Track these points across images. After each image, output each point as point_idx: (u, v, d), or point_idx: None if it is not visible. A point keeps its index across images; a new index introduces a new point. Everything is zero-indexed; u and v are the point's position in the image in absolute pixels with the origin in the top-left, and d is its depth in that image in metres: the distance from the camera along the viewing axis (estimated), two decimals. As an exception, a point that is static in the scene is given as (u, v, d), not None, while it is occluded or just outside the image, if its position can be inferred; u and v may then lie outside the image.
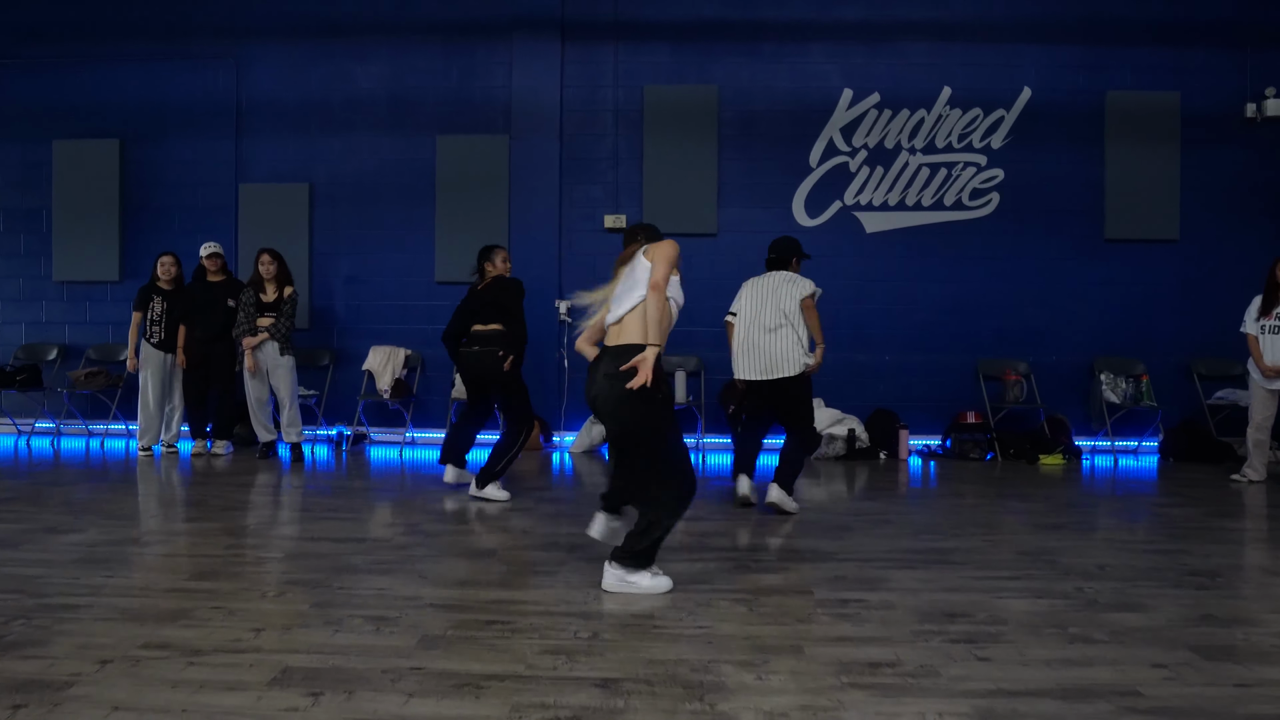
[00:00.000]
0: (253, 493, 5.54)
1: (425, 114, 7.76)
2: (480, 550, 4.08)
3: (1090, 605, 3.33)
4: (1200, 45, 7.64)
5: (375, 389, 7.44)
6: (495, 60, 7.72)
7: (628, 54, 7.72)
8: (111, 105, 7.88)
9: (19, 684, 2.49)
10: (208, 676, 2.56)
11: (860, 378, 7.63)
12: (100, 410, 7.76)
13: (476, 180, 7.63)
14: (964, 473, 6.65)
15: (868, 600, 3.37)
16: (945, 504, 5.45)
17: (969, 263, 7.68)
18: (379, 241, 7.63)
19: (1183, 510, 5.25)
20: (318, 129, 7.81)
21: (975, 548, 4.22)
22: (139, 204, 7.91)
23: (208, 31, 7.82)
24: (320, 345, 7.78)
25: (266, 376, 6.70)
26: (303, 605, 3.22)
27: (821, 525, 4.70)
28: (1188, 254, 7.67)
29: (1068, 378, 7.67)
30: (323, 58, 7.81)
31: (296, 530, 4.50)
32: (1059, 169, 7.67)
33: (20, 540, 4.13)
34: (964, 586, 3.56)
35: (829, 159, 7.70)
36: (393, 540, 4.24)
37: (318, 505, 5.16)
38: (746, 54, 7.71)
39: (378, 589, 3.45)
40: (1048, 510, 5.18)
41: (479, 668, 2.65)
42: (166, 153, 7.87)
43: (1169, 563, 3.97)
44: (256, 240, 7.45)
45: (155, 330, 6.90)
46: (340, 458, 7.04)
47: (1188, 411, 7.54)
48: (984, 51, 7.68)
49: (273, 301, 6.72)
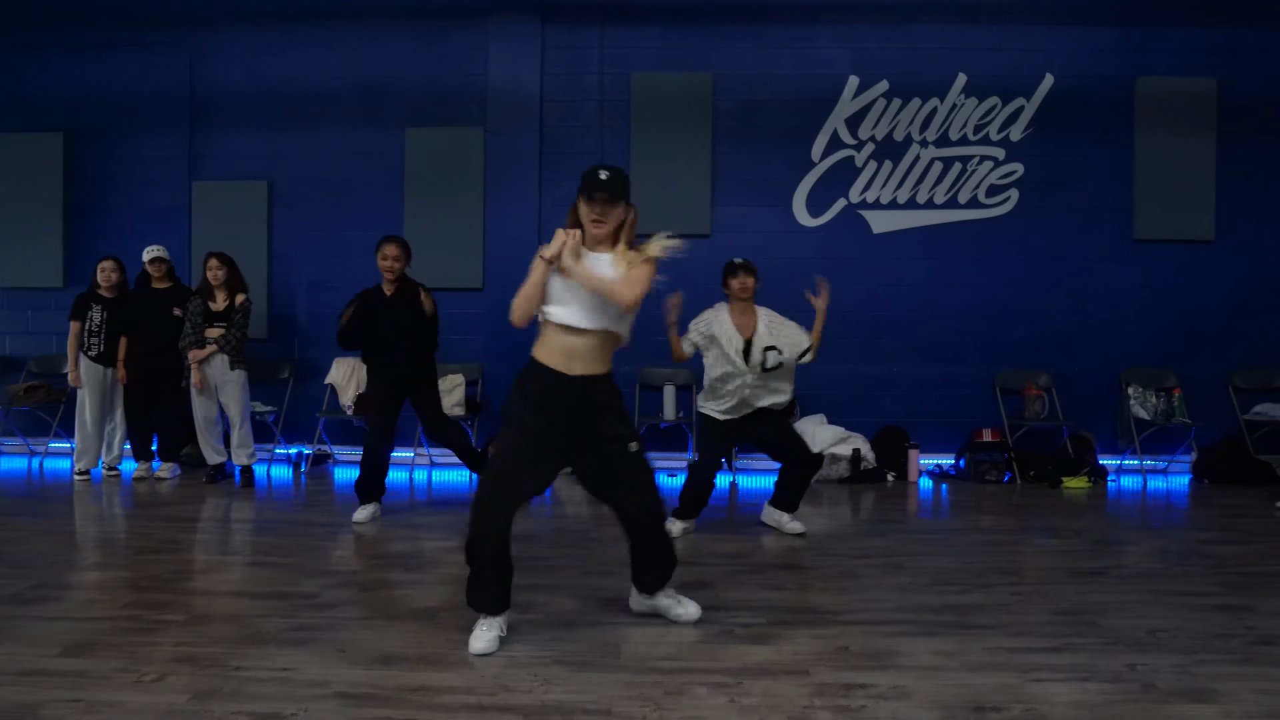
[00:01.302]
0: (186, 529, 4.93)
1: (394, 105, 7.16)
2: (419, 610, 3.47)
3: (1147, 691, 2.72)
4: (1239, 28, 7.00)
5: (338, 405, 6.84)
6: (470, 46, 7.11)
7: (615, 38, 7.10)
8: (53, 96, 7.27)
9: None
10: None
11: (866, 392, 7.00)
12: (42, 427, 7.16)
13: (450, 176, 7.03)
14: (981, 498, 6.03)
15: (876, 686, 2.75)
16: (963, 540, 4.83)
17: (985, 266, 7.05)
18: (344, 243, 7.02)
19: (1232, 549, 4.62)
20: (278, 122, 7.21)
21: (1002, 604, 3.60)
22: (84, 204, 7.31)
23: (159, 17, 7.21)
24: (280, 357, 7.18)
25: (215, 393, 6.11)
26: (181, 696, 2.62)
27: (823, 572, 4.09)
28: (1224, 256, 7.03)
29: (1093, 391, 7.04)
30: (284, 45, 7.21)
31: (214, 581, 3.89)
32: (1084, 163, 7.03)
33: (-117, 597, 3.54)
34: (992, 663, 2.94)
35: (833, 153, 7.08)
36: (320, 596, 3.63)
37: (251, 546, 4.57)
38: (745, 38, 7.09)
39: (281, 669, 2.84)
40: (1080, 550, 4.56)
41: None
42: (114, 148, 7.26)
43: (1233, 625, 3.35)
44: (212, 243, 6.82)
45: (94, 342, 6.31)
46: (299, 480, 6.45)
47: (1223, 427, 6.90)
48: (1002, 35, 7.04)
49: (223, 310, 6.12)
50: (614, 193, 3.01)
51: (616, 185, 3.02)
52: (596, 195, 2.99)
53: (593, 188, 2.99)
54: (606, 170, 3.02)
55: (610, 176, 3.01)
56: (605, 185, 3.00)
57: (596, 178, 3.00)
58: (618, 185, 3.02)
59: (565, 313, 3.00)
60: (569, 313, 3.00)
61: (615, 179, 3.02)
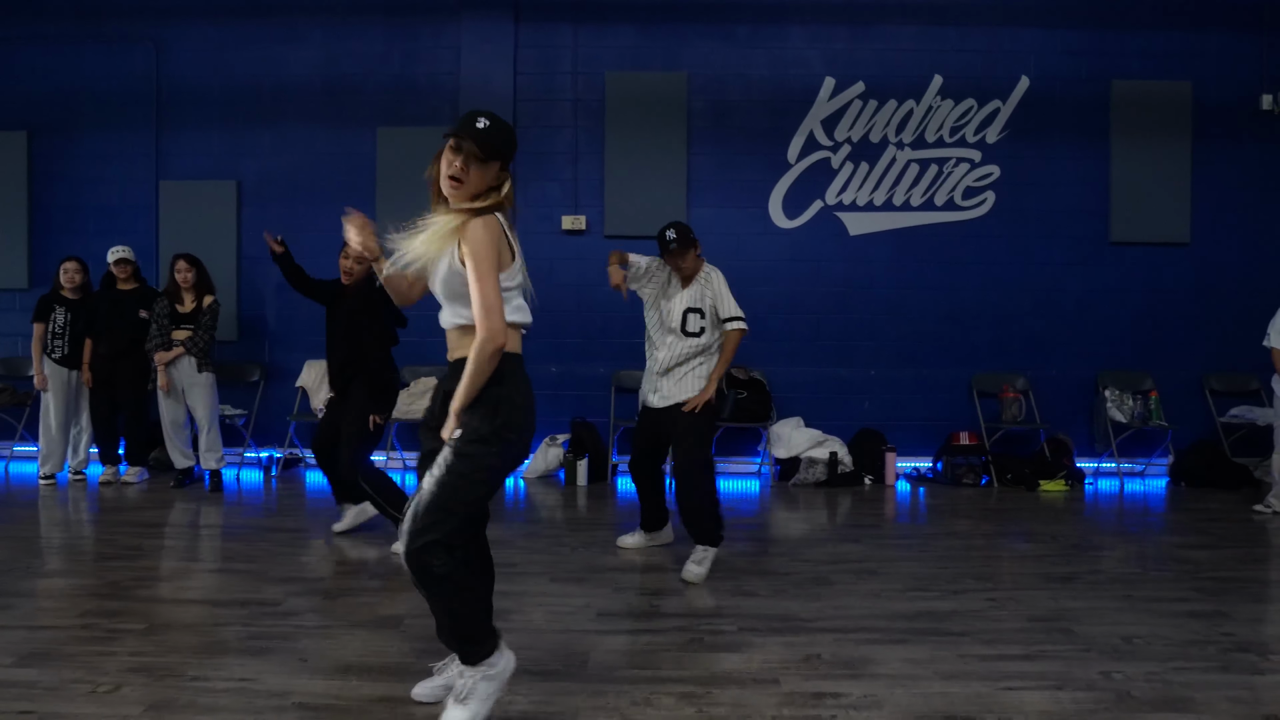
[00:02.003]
0: (151, 534, 4.82)
1: (364, 103, 7.06)
2: (384, 618, 3.39)
3: (1122, 701, 2.69)
4: (1214, 31, 7.03)
5: (309, 408, 6.74)
6: (441, 44, 7.02)
7: (588, 37, 7.04)
8: (16, 93, 7.11)
9: None
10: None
11: (843, 395, 6.98)
12: (6, 430, 7.00)
13: (420, 176, 6.90)
14: (957, 501, 6.01)
15: (848, 695, 2.70)
16: (939, 545, 4.79)
17: (962, 268, 7.04)
18: (314, 244, 6.87)
19: (1207, 554, 4.61)
20: (246, 120, 7.09)
21: (976, 610, 3.57)
22: (49, 203, 7.15)
23: (123, 10, 7.07)
24: (249, 359, 7.06)
25: (183, 396, 6.00)
26: (135, 708, 2.53)
27: (795, 578, 4.03)
28: (1200, 258, 7.06)
29: (1070, 394, 7.04)
30: (251, 40, 7.09)
31: (175, 589, 3.79)
32: (1060, 165, 7.04)
33: None
34: (966, 672, 2.90)
35: (809, 154, 7.04)
36: (283, 604, 3.55)
37: (216, 552, 4.47)
38: (719, 37, 7.04)
39: (240, 680, 2.76)
40: (1055, 555, 4.53)
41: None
42: (79, 146, 7.12)
43: (1208, 631, 3.33)
44: (179, 243, 6.70)
45: (58, 344, 6.18)
46: (269, 484, 6.34)
47: (1199, 430, 6.92)
48: (979, 37, 7.04)
49: (190, 312, 6.01)
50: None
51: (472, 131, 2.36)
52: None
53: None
54: (485, 117, 2.37)
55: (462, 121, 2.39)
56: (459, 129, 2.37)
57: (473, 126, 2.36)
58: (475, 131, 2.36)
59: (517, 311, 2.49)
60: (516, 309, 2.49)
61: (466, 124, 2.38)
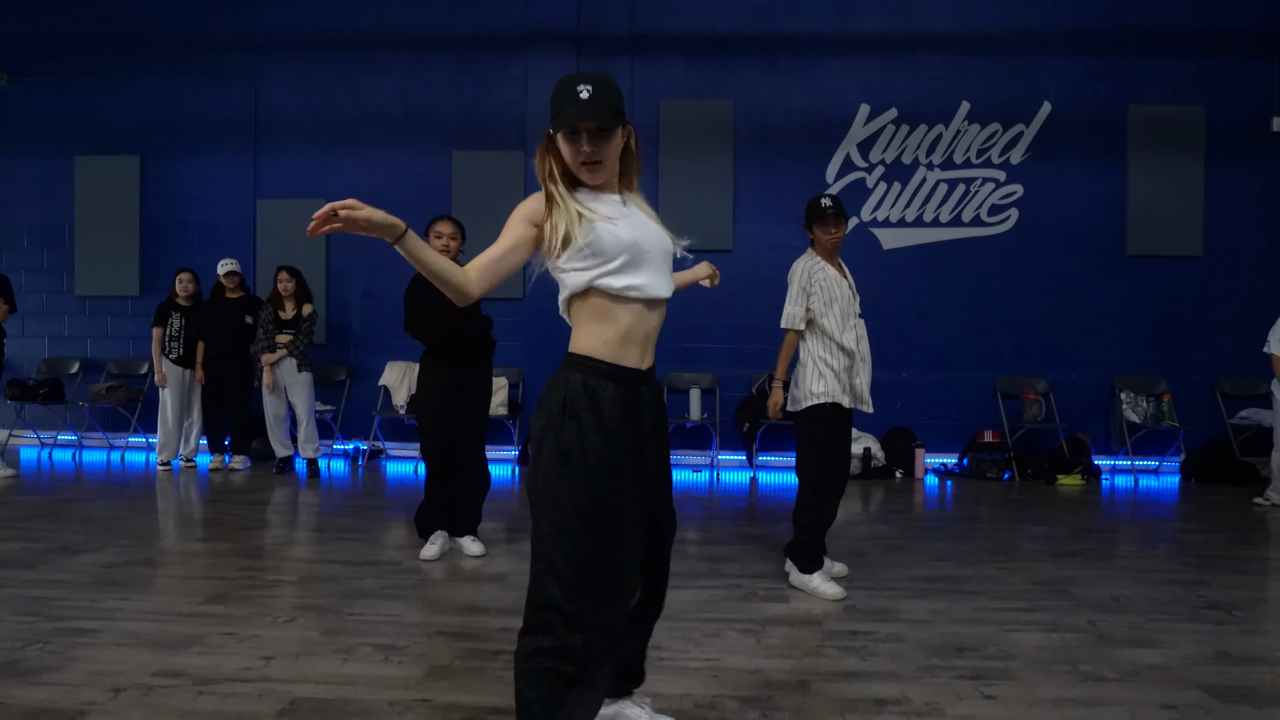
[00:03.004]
0: (268, 511, 5.58)
1: (440, 129, 7.81)
2: (492, 575, 4.09)
3: (1102, 640, 3.29)
4: (1225, 57, 7.55)
5: (391, 404, 7.48)
6: (510, 75, 7.75)
7: (643, 68, 7.73)
8: (131, 121, 7.97)
9: (32, 712, 2.52)
10: (217, 707, 2.58)
11: (876, 395, 7.44)
12: (121, 423, 7.85)
13: (492, 196, 7.62)
14: (981, 493, 6.59)
15: (877, 632, 3.34)
16: (960, 528, 5.40)
17: (988, 279, 7.61)
18: (395, 257, 7.57)
19: (1204, 537, 5.17)
20: (333, 144, 7.88)
21: (989, 576, 4.18)
22: (158, 219, 8.00)
23: (225, 48, 7.90)
24: (337, 361, 7.83)
25: (285, 392, 6.76)
26: (313, 632, 3.24)
27: (833, 551, 4.66)
28: (1211, 270, 7.57)
29: (1088, 396, 7.58)
30: (338, 73, 7.88)
31: (310, 552, 4.52)
32: (1079, 184, 7.59)
33: (38, 561, 4.18)
34: (975, 618, 3.52)
35: (846, 174, 7.67)
36: (404, 564, 4.25)
37: (332, 525, 5.19)
38: (762, 68, 7.70)
39: (388, 615, 3.46)
40: (1065, 536, 5.12)
41: (485, 700, 2.65)
42: (185, 168, 7.96)
43: (1187, 594, 3.91)
44: (274, 255, 7.52)
45: (174, 346, 6.97)
46: (356, 473, 7.08)
47: (1211, 431, 7.43)
48: (1003, 65, 7.62)
49: (291, 319, 6.77)
50: (606, 115, 1.94)
51: (606, 104, 1.94)
52: (581, 125, 1.95)
53: (574, 115, 1.92)
54: (588, 84, 1.94)
55: (594, 92, 1.93)
56: (589, 107, 1.92)
57: (576, 99, 1.92)
58: (607, 103, 1.94)
59: (646, 278, 2.02)
60: (651, 277, 2.04)
61: (601, 94, 1.94)
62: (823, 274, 3.92)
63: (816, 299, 3.91)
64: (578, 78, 1.96)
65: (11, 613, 3.40)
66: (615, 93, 1.98)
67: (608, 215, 2.00)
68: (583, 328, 2.02)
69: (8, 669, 2.84)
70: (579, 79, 1.95)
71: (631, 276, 1.99)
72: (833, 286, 3.92)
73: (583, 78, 1.95)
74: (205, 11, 7.91)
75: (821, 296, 3.90)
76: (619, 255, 1.97)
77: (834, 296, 3.91)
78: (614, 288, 1.97)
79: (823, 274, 3.92)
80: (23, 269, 7.90)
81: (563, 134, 1.97)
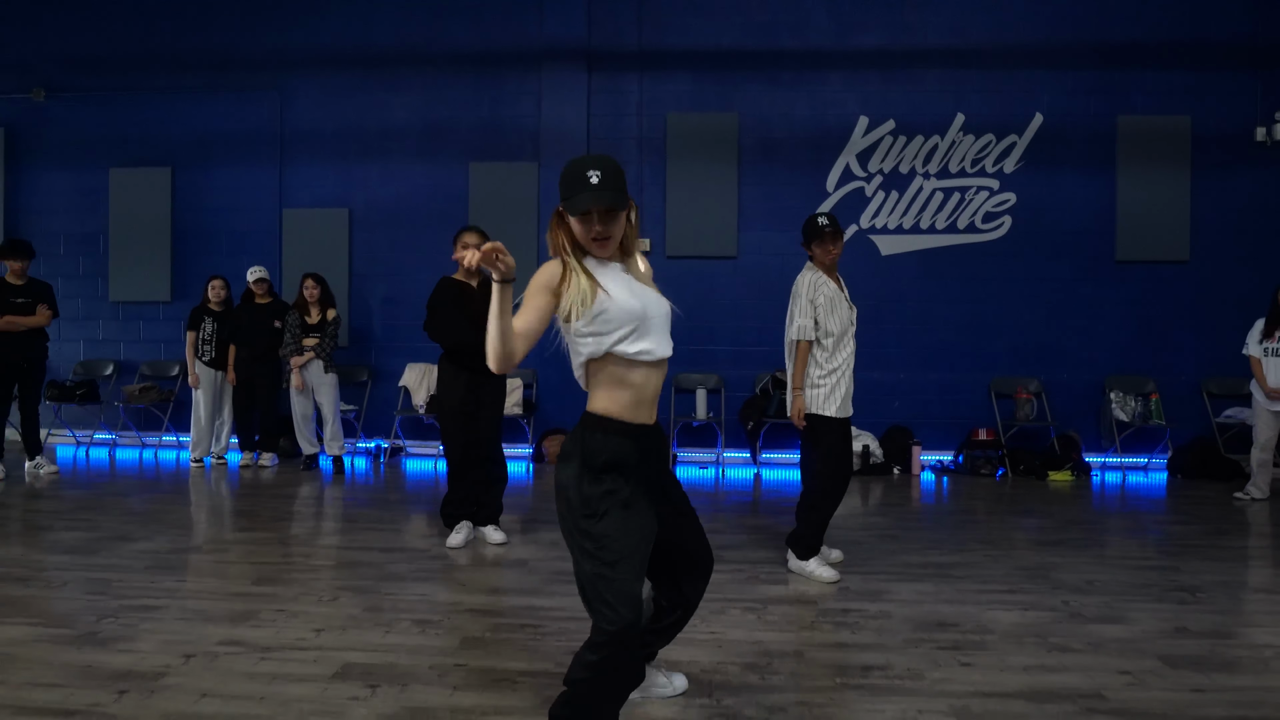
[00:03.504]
0: (300, 504, 5.93)
1: (457, 142, 8.16)
2: (513, 561, 4.43)
3: (1073, 618, 3.61)
4: (1211, 69, 7.85)
5: (411, 404, 7.83)
6: (524, 90, 8.10)
7: (651, 83, 8.07)
8: (163, 135, 8.35)
9: (119, 673, 2.87)
10: (278, 670, 2.92)
11: (875, 395, 7.90)
12: (153, 423, 8.23)
13: (507, 206, 8.00)
14: (975, 489, 6.90)
15: (867, 610, 3.67)
16: (953, 520, 5.73)
17: (982, 284, 7.93)
18: (415, 264, 8.03)
19: (1183, 528, 5.48)
20: (356, 157, 8.24)
21: (975, 563, 4.50)
22: (188, 228, 8.37)
23: (252, 65, 8.27)
24: (359, 363, 8.19)
25: (312, 393, 7.11)
26: (355, 609, 3.58)
27: (831, 540, 4.99)
28: (1198, 275, 7.87)
29: (1079, 396, 7.90)
30: (360, 89, 8.23)
31: (343, 540, 4.87)
32: (1070, 192, 7.90)
33: (96, 547, 4.54)
34: (958, 599, 3.85)
35: (846, 184, 8.00)
36: (431, 551, 4.60)
37: (361, 517, 5.53)
38: (766, 82, 8.03)
39: (421, 595, 3.80)
40: (1051, 527, 5.43)
41: (514, 665, 2.99)
42: (214, 180, 8.33)
43: (1158, 579, 4.23)
44: (299, 262, 7.88)
45: (206, 349, 7.33)
46: (378, 470, 7.43)
47: (1197, 429, 7.73)
48: (997, 78, 7.94)
49: (317, 323, 7.13)
50: (615, 198, 2.18)
51: (614, 187, 2.18)
52: (594, 210, 2.19)
53: (587, 200, 2.16)
54: (596, 169, 2.18)
55: (603, 177, 2.17)
56: (600, 191, 2.16)
57: (587, 184, 2.16)
58: (615, 186, 2.18)
59: (653, 342, 2.28)
60: (657, 341, 2.29)
61: (609, 178, 2.18)
62: (826, 287, 4.25)
63: (822, 311, 4.22)
64: (587, 162, 2.20)
65: (83, 592, 3.76)
66: (621, 175, 2.22)
67: (614, 284, 2.24)
68: (600, 391, 2.27)
69: (88, 639, 3.19)
70: (588, 164, 2.19)
71: (641, 342, 2.23)
72: (835, 300, 4.24)
73: (591, 162, 2.20)
74: (234, 31, 8.28)
75: (826, 308, 4.22)
76: (629, 323, 2.21)
77: (835, 310, 4.24)
78: (628, 353, 2.22)
79: (826, 287, 4.25)
80: (60, 275, 8.28)
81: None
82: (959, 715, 2.65)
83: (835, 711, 2.67)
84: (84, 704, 2.64)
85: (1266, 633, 3.44)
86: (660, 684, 2.76)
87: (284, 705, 2.65)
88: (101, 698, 2.69)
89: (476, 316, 4.56)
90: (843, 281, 4.41)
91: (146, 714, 2.59)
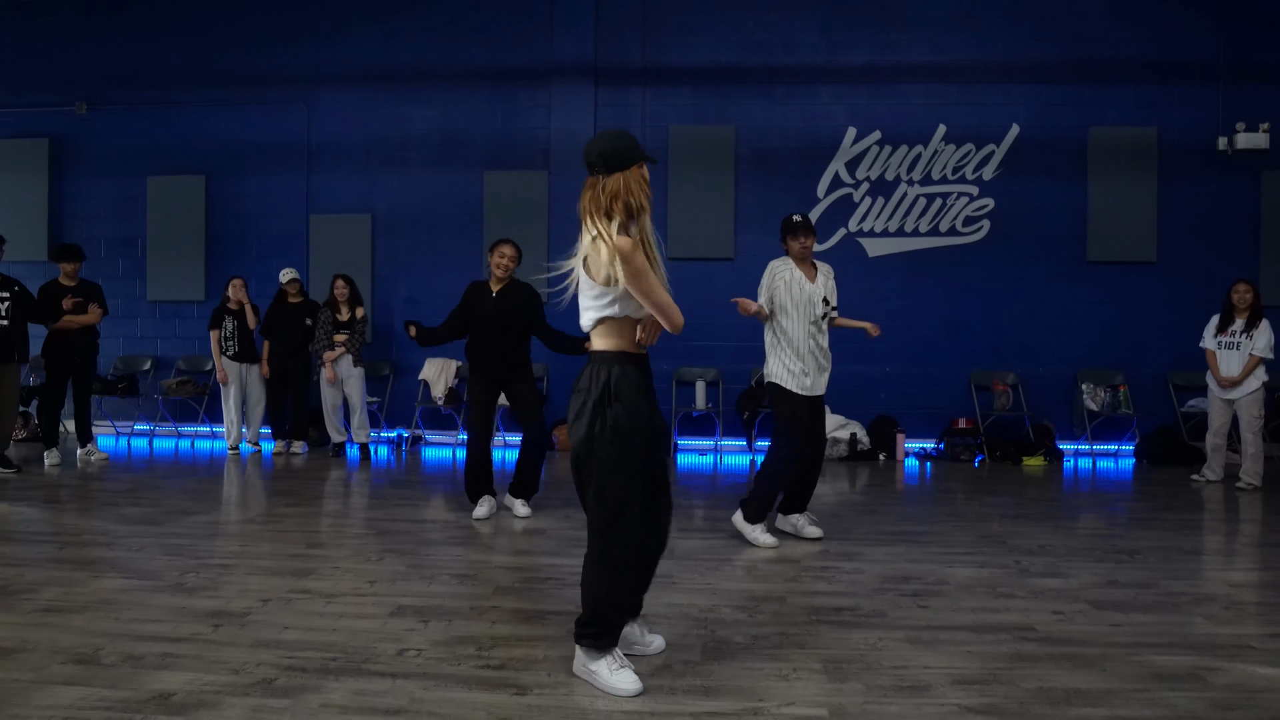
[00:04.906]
0: (332, 485, 6.50)
1: (473, 152, 8.72)
2: (534, 529, 5.00)
3: (1022, 573, 4.17)
4: (1176, 84, 8.40)
5: (430, 396, 8.40)
6: (535, 104, 8.67)
7: (654, 97, 8.63)
8: (197, 146, 8.93)
9: (210, 612, 3.43)
10: (344, 610, 3.49)
11: (863, 387, 8.46)
12: (189, 414, 8.80)
13: (519, 211, 8.57)
14: (954, 472, 7.46)
15: (843, 567, 4.24)
16: (930, 498, 6.29)
17: (962, 284, 8.48)
18: (433, 266, 8.60)
19: (1137, 504, 6.05)
20: (378, 166, 8.81)
21: (943, 531, 5.07)
22: (221, 232, 8.95)
23: (281, 80, 8.85)
24: (381, 358, 8.76)
25: (341, 385, 7.68)
26: (401, 566, 4.15)
27: (816, 513, 5.55)
28: (1164, 275, 8.42)
29: (1053, 388, 8.46)
30: (382, 102, 8.80)
31: (381, 514, 5.44)
32: (1045, 198, 8.45)
33: (162, 519, 5.11)
34: (924, 559, 4.42)
35: (835, 190, 8.56)
36: (459, 522, 5.17)
37: (391, 495, 6.10)
38: (761, 96, 8.59)
39: (455, 555, 4.37)
40: (1017, 504, 6.00)
41: (544, 606, 3.56)
42: (245, 187, 8.90)
43: (1102, 544, 4.79)
44: (326, 265, 8.45)
45: (229, 345, 7.89)
46: (400, 457, 8.00)
47: (1163, 418, 8.29)
48: (977, 92, 8.49)
49: (347, 320, 7.69)
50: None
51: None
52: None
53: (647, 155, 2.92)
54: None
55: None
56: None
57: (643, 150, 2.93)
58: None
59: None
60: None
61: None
62: (787, 274, 4.75)
63: (779, 293, 4.72)
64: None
65: (161, 554, 4.33)
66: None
67: None
68: (610, 337, 2.81)
69: (177, 588, 3.76)
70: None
71: (641, 308, 2.80)
72: (794, 286, 4.72)
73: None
74: (264, 48, 8.86)
75: (783, 291, 4.72)
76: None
77: (793, 295, 4.72)
78: (636, 315, 2.82)
79: (787, 274, 4.75)
80: (101, 277, 8.81)
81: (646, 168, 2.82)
82: (912, 642, 3.21)
83: (809, 639, 3.23)
84: (187, 633, 3.21)
85: (1183, 583, 4.01)
86: (638, 641, 3.03)
87: (354, 634, 3.22)
88: (201, 629, 3.25)
89: (486, 317, 5.25)
90: (821, 273, 4.88)
91: (242, 639, 3.15)
